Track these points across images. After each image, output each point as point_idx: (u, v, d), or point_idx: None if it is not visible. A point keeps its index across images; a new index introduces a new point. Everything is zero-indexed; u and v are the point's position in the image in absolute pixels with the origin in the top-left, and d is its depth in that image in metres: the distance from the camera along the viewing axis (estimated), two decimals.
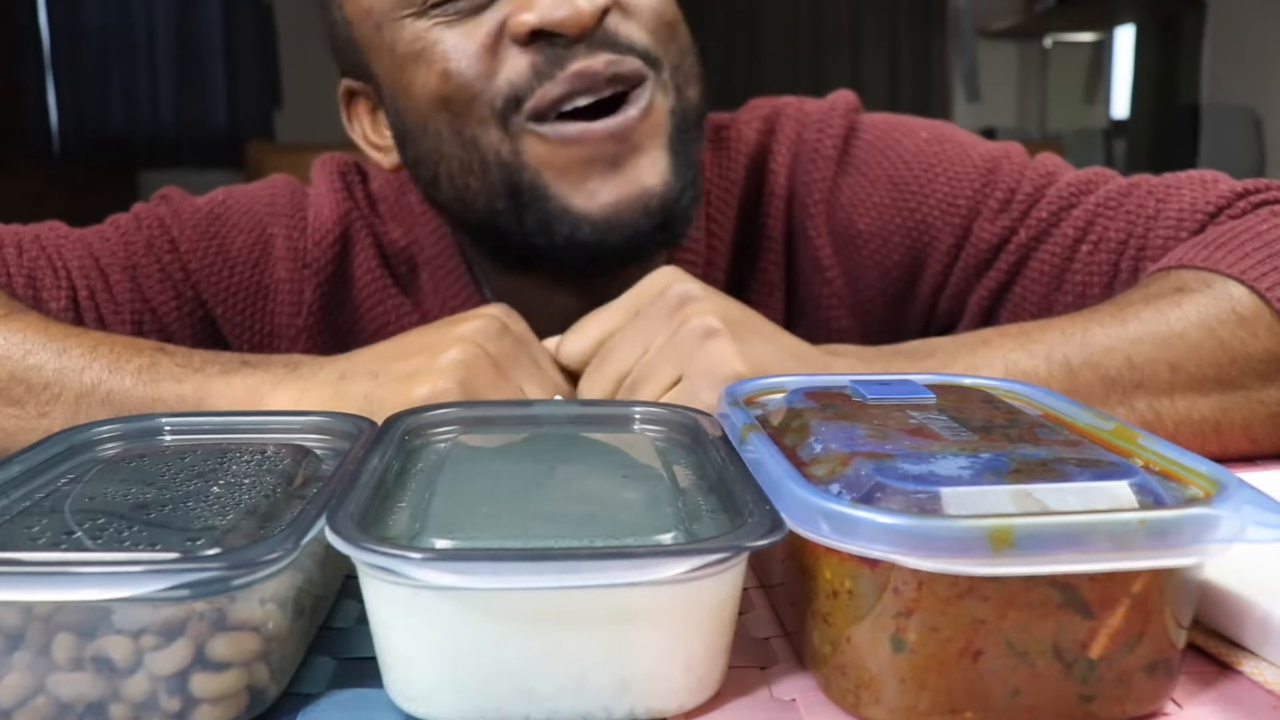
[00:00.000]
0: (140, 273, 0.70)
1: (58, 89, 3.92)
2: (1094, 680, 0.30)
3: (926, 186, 0.71)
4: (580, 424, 0.45)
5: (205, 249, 0.72)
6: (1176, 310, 0.54)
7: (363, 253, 0.76)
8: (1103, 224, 0.65)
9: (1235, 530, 0.29)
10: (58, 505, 0.34)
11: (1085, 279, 0.66)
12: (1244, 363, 0.53)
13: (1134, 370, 0.53)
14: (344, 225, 0.75)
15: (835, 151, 0.74)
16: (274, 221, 0.75)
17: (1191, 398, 0.53)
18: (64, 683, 0.29)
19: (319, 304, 0.75)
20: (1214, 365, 0.53)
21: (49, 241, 0.69)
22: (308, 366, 0.55)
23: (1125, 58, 4.03)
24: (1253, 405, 0.54)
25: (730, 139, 0.77)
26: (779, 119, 0.77)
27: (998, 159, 0.71)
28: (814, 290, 0.75)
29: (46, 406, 0.55)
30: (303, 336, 0.75)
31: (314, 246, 0.74)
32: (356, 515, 0.31)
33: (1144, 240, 0.63)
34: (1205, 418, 0.53)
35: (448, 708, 0.30)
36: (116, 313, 0.69)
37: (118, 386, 0.54)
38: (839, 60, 4.25)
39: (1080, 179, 0.68)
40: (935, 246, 0.71)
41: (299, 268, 0.74)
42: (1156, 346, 0.53)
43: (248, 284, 0.74)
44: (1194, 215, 0.62)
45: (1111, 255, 0.65)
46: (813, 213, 0.74)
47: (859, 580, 0.30)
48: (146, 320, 0.70)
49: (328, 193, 0.76)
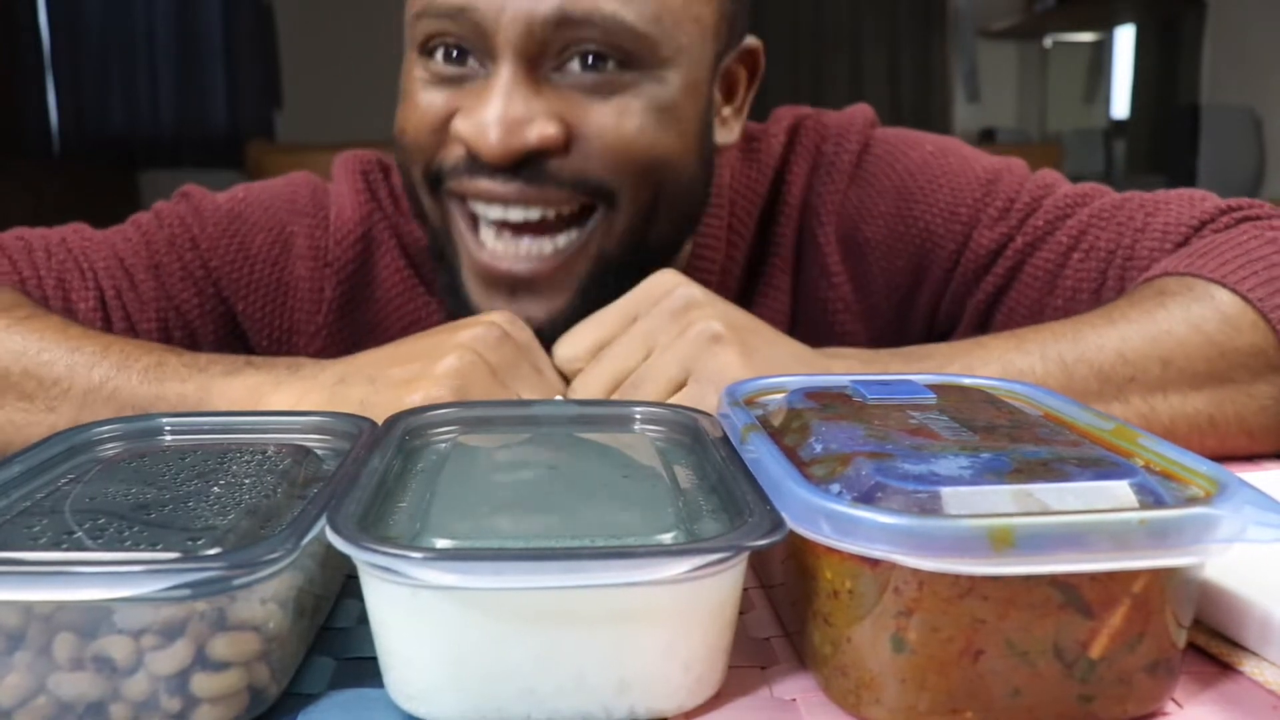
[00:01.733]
0: (163, 271, 0.71)
1: (58, 89, 3.92)
2: (1094, 680, 0.30)
3: (930, 196, 0.73)
4: (580, 424, 0.45)
5: (226, 246, 0.73)
6: (1162, 311, 0.55)
7: (387, 253, 0.76)
8: (1094, 234, 0.67)
9: (1236, 530, 0.29)
10: (58, 505, 0.34)
11: (1075, 284, 0.67)
12: (1232, 357, 0.54)
13: (1127, 365, 0.54)
14: (366, 225, 0.76)
15: (850, 166, 0.76)
16: (295, 220, 0.75)
17: (1185, 392, 0.54)
18: (64, 682, 0.29)
19: (339, 302, 0.75)
20: (1204, 360, 0.54)
21: (75, 244, 0.70)
22: (309, 368, 0.55)
23: (1125, 58, 4.03)
24: (1244, 399, 0.54)
25: (760, 151, 0.78)
26: (800, 131, 0.78)
27: (999, 171, 0.73)
28: (820, 295, 0.77)
29: (55, 401, 0.56)
30: (322, 334, 0.76)
31: (335, 245, 0.75)
32: (357, 515, 0.31)
33: (1131, 251, 0.65)
34: (1200, 410, 0.54)
35: (448, 708, 0.30)
36: (143, 310, 0.70)
37: (124, 384, 0.55)
38: (839, 60, 4.24)
39: (1077, 192, 0.70)
40: (937, 253, 0.73)
41: (319, 266, 0.75)
42: (1146, 343, 0.54)
43: (268, 280, 0.74)
44: (1179, 229, 0.64)
45: (1100, 264, 0.67)
46: (824, 222, 0.76)
47: (859, 580, 0.30)
48: (171, 318, 0.71)
49: (350, 192, 0.76)
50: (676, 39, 0.62)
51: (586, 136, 0.62)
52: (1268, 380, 0.54)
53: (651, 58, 0.61)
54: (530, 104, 0.60)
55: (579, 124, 0.61)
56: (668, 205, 0.66)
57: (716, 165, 0.73)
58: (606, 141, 0.62)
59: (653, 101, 0.62)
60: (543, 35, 0.59)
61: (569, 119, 0.61)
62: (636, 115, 0.62)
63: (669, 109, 0.63)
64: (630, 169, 0.63)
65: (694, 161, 0.66)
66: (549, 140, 0.61)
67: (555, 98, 0.61)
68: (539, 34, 0.59)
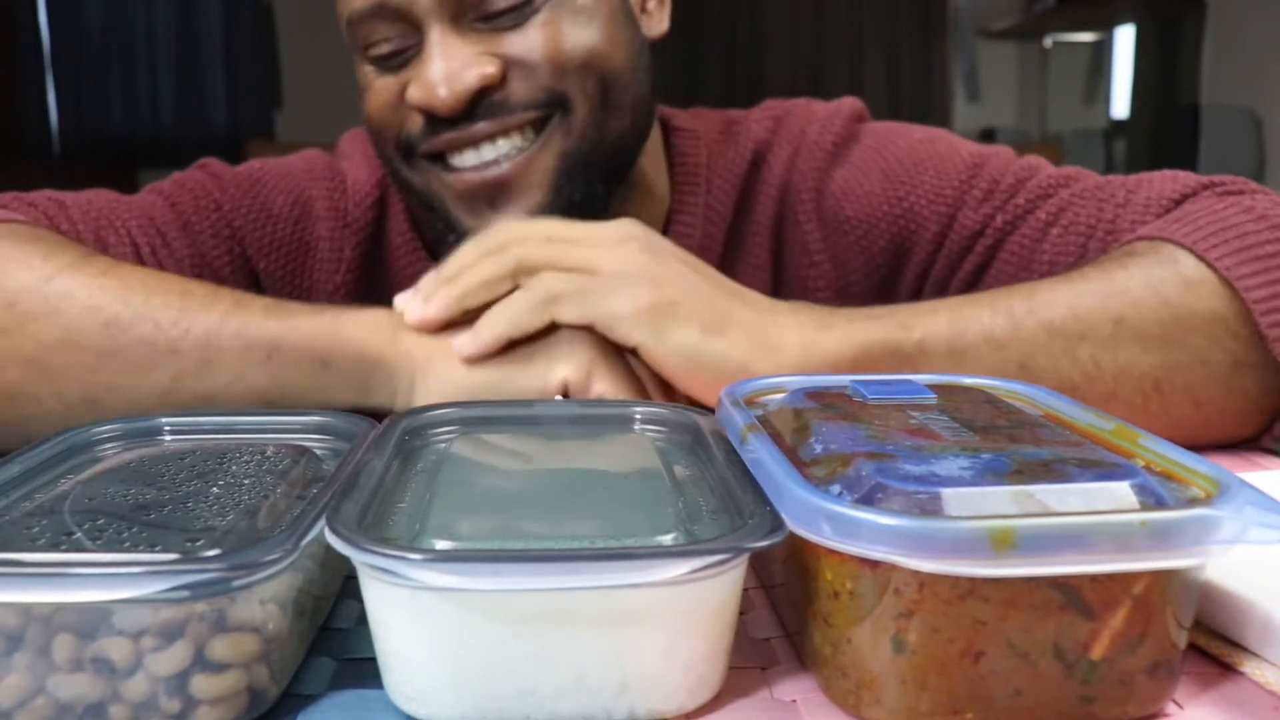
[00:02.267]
0: (193, 229, 0.72)
1: (58, 89, 3.91)
2: (1095, 681, 0.30)
3: (916, 178, 0.74)
4: (580, 424, 0.44)
5: (249, 206, 0.75)
6: (1122, 271, 0.55)
7: (397, 215, 0.79)
8: (1074, 210, 0.68)
9: (1237, 531, 0.29)
10: (57, 506, 0.34)
11: (1053, 259, 0.68)
12: (1188, 321, 0.54)
13: (1078, 321, 0.54)
14: (381, 189, 0.79)
15: (833, 146, 0.77)
16: (312, 185, 0.78)
17: (1134, 352, 0.54)
18: (64, 684, 0.28)
19: (357, 262, 0.78)
20: (1157, 323, 0.54)
21: (104, 206, 0.70)
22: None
23: (1125, 58, 4.03)
24: (1196, 366, 0.54)
25: (739, 133, 0.80)
26: (787, 117, 0.80)
27: (985, 156, 0.74)
28: (800, 273, 0.78)
29: (176, 343, 0.54)
30: (340, 293, 0.77)
31: (354, 207, 0.78)
32: (356, 516, 0.31)
33: (1112, 225, 0.65)
34: (1146, 374, 0.54)
35: (448, 708, 0.30)
36: (178, 267, 0.70)
37: (249, 320, 0.55)
38: (839, 60, 4.24)
39: (1060, 173, 0.71)
40: (921, 234, 0.74)
41: (339, 226, 0.77)
42: (1100, 300, 0.54)
43: (289, 240, 0.76)
44: (1160, 201, 0.64)
45: (1080, 238, 0.67)
46: (804, 199, 0.77)
47: (860, 581, 0.30)
48: (205, 274, 0.72)
49: (362, 159, 0.79)
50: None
51: (521, 62, 0.67)
52: (1223, 348, 0.54)
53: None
54: (463, 53, 0.65)
55: (512, 54, 0.66)
56: (616, 97, 0.70)
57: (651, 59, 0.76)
58: (539, 58, 0.66)
59: (567, 12, 0.67)
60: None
61: (502, 52, 0.66)
62: (557, 27, 0.67)
63: (583, 12, 0.68)
64: (569, 73, 0.67)
65: (625, 53, 0.70)
66: (489, 78, 0.66)
67: (484, 41, 0.66)
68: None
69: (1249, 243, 0.54)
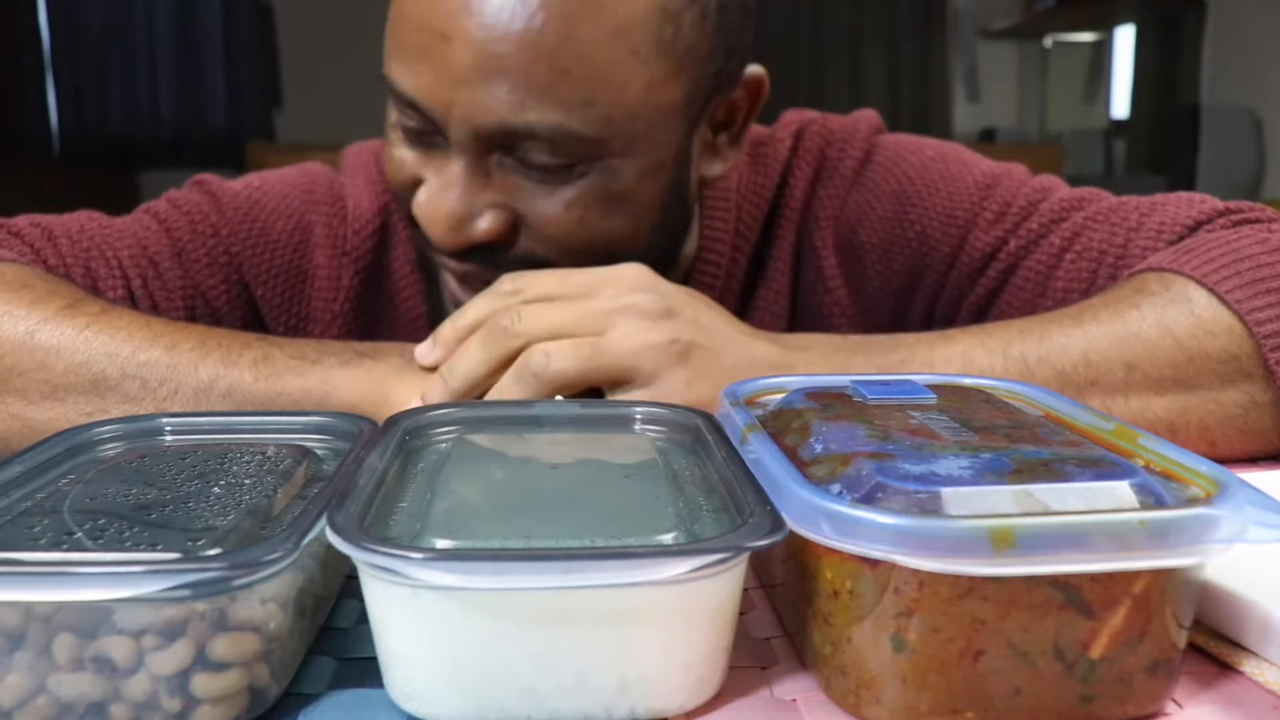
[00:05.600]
0: (188, 258, 0.71)
1: (58, 89, 3.91)
2: (1095, 680, 0.30)
3: (928, 200, 0.73)
4: (580, 424, 0.45)
5: (248, 231, 0.73)
6: (1134, 312, 0.54)
7: (400, 244, 0.77)
8: (1088, 235, 0.67)
9: (1236, 530, 0.29)
10: (58, 505, 0.34)
11: (1067, 285, 0.67)
12: (1201, 363, 0.53)
13: (1089, 368, 0.53)
14: (383, 217, 0.77)
15: (852, 172, 0.76)
16: (312, 209, 0.76)
17: (1147, 397, 0.53)
18: (65, 683, 0.29)
19: (355, 291, 0.76)
20: (1170, 365, 0.53)
21: (95, 233, 0.68)
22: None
23: (1125, 58, 4.04)
24: (1209, 406, 0.53)
25: (767, 155, 0.78)
26: (804, 135, 0.79)
27: (998, 175, 0.73)
28: (817, 299, 0.78)
29: (164, 403, 0.54)
30: (337, 322, 0.76)
31: (354, 235, 0.76)
32: (357, 515, 0.31)
33: (1123, 250, 0.65)
34: (1159, 417, 0.53)
35: (448, 708, 0.30)
36: (169, 299, 0.69)
37: (237, 381, 0.54)
38: (839, 60, 4.24)
39: (1074, 195, 0.70)
40: (933, 256, 0.73)
41: (338, 254, 0.76)
42: (1113, 345, 0.54)
43: (288, 267, 0.75)
44: (1173, 228, 0.63)
45: (1092, 264, 0.66)
46: (822, 226, 0.76)
47: (860, 580, 0.30)
48: (198, 305, 0.71)
49: (365, 184, 0.77)
50: (633, 131, 0.60)
51: (532, 225, 0.62)
52: (1237, 387, 0.53)
53: (603, 153, 0.60)
54: (478, 197, 0.61)
55: (526, 212, 0.62)
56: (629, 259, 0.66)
57: (702, 197, 0.73)
58: (551, 232, 0.62)
59: (602, 191, 0.62)
60: (488, 139, 0.59)
61: (516, 206, 0.62)
62: (583, 206, 0.62)
63: (620, 195, 0.62)
64: (576, 252, 0.63)
65: (649, 235, 0.66)
66: (494, 234, 0.62)
67: (504, 185, 0.62)
68: (484, 138, 0.59)
69: (1262, 274, 0.53)
